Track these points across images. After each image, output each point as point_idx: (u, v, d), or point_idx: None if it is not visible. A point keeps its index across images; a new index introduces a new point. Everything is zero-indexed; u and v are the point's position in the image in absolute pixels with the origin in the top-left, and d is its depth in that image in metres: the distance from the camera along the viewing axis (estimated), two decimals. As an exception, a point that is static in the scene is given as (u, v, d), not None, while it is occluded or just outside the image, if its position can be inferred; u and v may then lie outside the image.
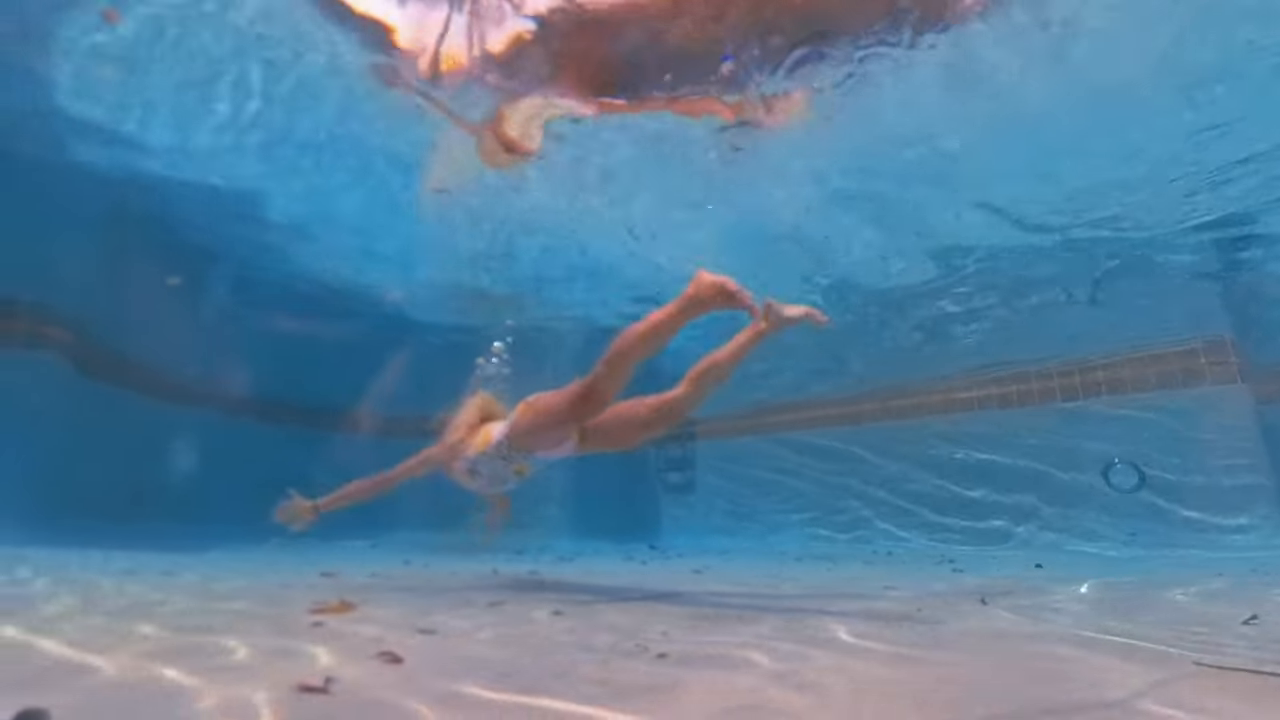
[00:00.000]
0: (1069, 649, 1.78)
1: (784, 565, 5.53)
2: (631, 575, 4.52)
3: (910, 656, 1.72)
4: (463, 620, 2.32)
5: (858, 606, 2.73)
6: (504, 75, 4.73)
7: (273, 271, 8.32)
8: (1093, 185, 5.92)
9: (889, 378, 8.89)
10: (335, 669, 1.52)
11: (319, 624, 2.15)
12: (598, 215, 6.70)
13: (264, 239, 7.53)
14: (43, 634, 1.87)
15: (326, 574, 4.00)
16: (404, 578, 4.10)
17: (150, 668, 1.52)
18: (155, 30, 4.43)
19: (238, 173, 6.18)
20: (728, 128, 5.22)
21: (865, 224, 6.67)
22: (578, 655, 1.72)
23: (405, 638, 1.94)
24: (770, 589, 3.57)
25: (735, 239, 7.00)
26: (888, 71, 4.62)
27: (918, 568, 5.12)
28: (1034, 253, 7.16)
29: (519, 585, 3.73)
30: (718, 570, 4.98)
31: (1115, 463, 6.80)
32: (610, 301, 8.97)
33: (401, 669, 1.54)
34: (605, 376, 2.66)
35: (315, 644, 1.82)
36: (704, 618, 2.43)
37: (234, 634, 1.95)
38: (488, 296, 8.92)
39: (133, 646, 1.76)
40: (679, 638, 1.98)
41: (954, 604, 2.81)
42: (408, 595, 3.10)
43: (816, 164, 5.66)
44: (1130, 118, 5.01)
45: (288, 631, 2.02)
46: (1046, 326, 7.63)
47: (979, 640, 1.95)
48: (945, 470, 8.08)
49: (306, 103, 5.15)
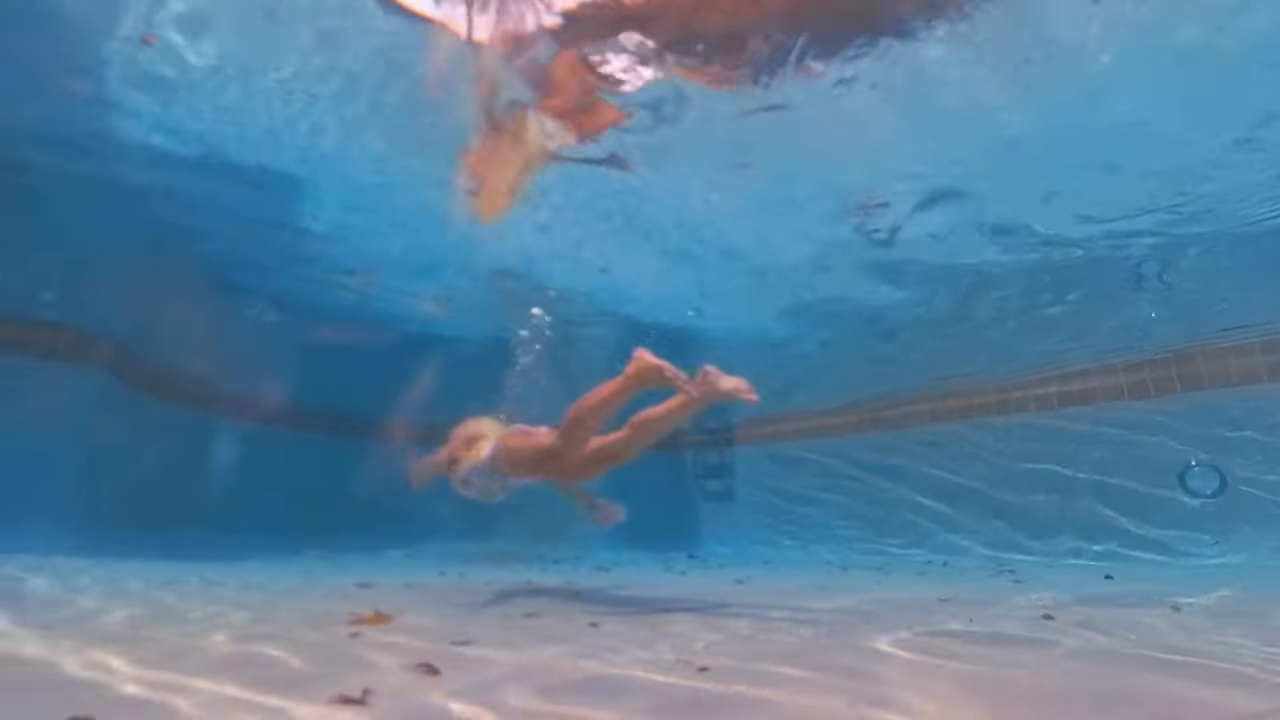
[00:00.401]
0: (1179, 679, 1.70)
1: (830, 576, 5.44)
2: (671, 586, 4.51)
3: (973, 678, 1.67)
4: (499, 632, 2.35)
5: (912, 620, 2.67)
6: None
7: (308, 282, 8.59)
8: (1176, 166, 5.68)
9: (940, 376, 8.67)
10: (373, 681, 1.55)
11: (356, 635, 2.20)
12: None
13: (300, 250, 7.79)
14: (98, 648, 1.97)
15: (362, 584, 4.10)
16: (440, 588, 4.17)
17: (186, 681, 1.58)
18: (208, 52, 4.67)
19: (275, 186, 6.44)
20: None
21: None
22: (616, 669, 1.72)
23: (442, 649, 1.97)
24: (817, 601, 3.52)
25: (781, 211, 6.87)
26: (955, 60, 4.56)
27: (975, 579, 4.98)
28: (1098, 239, 6.87)
29: (555, 596, 3.75)
30: (760, 581, 4.93)
31: (1193, 465, 6.48)
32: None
33: (438, 680, 1.57)
34: (565, 444, 3.10)
35: (352, 655, 1.87)
36: (747, 630, 2.41)
37: (273, 644, 2.01)
38: (519, 299, 9.04)
39: (167, 662, 1.83)
40: (722, 651, 1.96)
41: (1022, 621, 2.72)
42: (444, 606, 3.16)
43: (884, 139, 5.54)
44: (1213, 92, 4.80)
45: (325, 642, 2.08)
46: (1109, 318, 7.32)
47: (1051, 660, 1.88)
48: (1003, 475, 7.82)
49: (353, 112, 5.34)
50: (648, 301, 9.06)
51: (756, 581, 4.84)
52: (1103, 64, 4.59)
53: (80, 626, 2.29)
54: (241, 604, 3.05)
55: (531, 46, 4.73)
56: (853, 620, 2.67)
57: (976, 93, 4.98)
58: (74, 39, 4.59)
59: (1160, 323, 6.98)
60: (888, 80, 4.85)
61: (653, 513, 10.37)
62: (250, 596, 3.39)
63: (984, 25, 4.36)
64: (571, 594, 3.90)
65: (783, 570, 6.20)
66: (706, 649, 1.99)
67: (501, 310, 9.22)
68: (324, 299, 8.99)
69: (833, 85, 4.92)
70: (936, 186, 6.20)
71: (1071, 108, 5.07)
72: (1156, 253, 6.95)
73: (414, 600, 3.38)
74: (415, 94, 5.19)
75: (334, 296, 8.94)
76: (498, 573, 5.52)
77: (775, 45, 4.58)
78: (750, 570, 6.14)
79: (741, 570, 6.12)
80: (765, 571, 6.01)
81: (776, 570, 6.20)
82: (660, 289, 8.63)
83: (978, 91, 4.96)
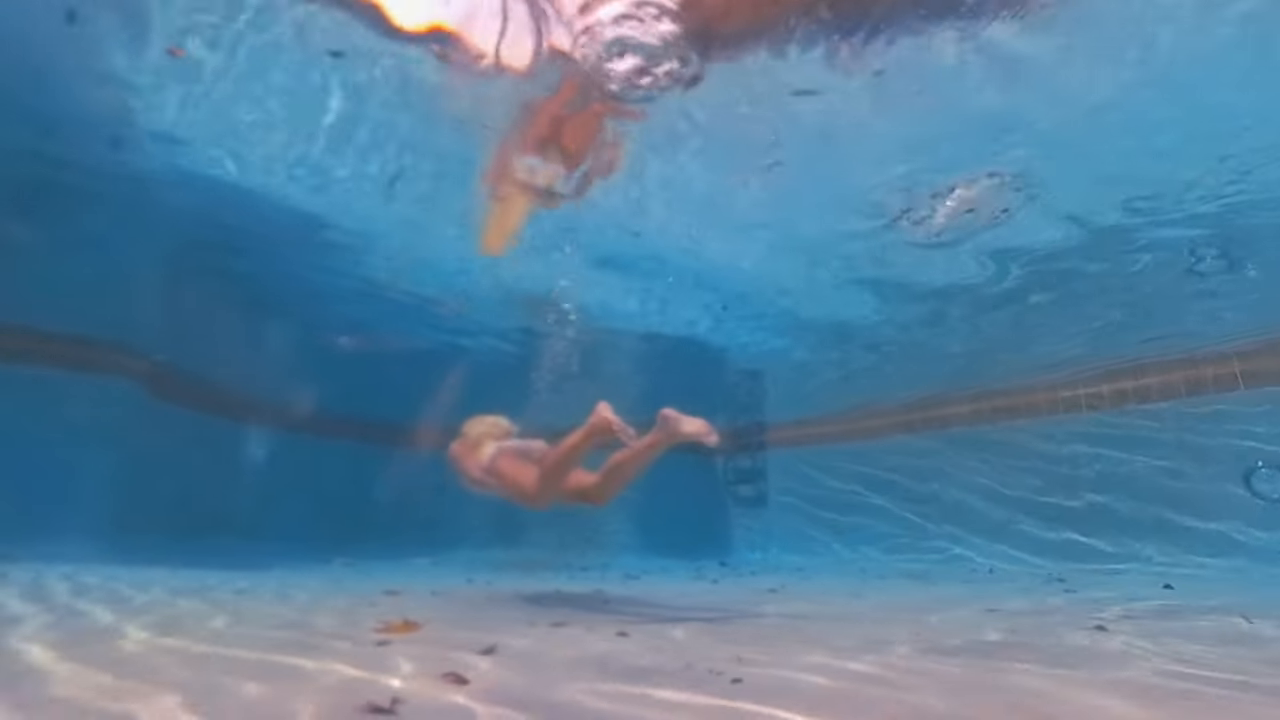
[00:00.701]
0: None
1: (867, 584, 5.36)
2: (702, 594, 4.49)
3: (1021, 693, 1.63)
4: (527, 641, 2.37)
5: (953, 630, 2.61)
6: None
7: (336, 290, 8.79)
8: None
9: (984, 373, 8.48)
10: (401, 689, 1.58)
11: (384, 643, 2.24)
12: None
13: (328, 262, 7.99)
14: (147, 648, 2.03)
15: (390, 592, 4.17)
16: (467, 596, 4.22)
17: (225, 685, 1.63)
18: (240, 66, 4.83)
19: (303, 199, 6.63)
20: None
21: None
22: (645, 679, 1.72)
23: (469, 658, 1.99)
24: (853, 610, 3.47)
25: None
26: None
27: (1023, 587, 4.85)
28: (1154, 226, 6.61)
29: (583, 605, 3.77)
30: (794, 589, 4.88)
31: (1259, 466, 6.22)
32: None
33: (467, 690, 1.59)
34: (539, 491, 3.51)
35: (381, 664, 1.90)
36: (780, 641, 2.38)
37: (303, 652, 2.06)
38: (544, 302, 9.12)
39: (209, 666, 1.89)
40: (754, 661, 1.95)
41: (1074, 632, 2.65)
42: (471, 614, 3.20)
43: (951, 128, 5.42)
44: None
45: (354, 651, 2.12)
46: (1167, 310, 7.06)
47: (1114, 680, 1.83)
48: (1051, 477, 7.61)
49: (376, 122, 5.47)
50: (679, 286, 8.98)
51: (789, 590, 4.79)
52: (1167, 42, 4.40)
53: (102, 638, 2.38)
54: (269, 612, 3.13)
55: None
56: (888, 631, 2.63)
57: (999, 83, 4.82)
58: (106, 52, 4.76)
59: (1223, 315, 6.73)
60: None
61: (683, 519, 10.39)
62: (278, 604, 3.48)
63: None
64: (600, 602, 3.92)
65: (817, 578, 6.13)
66: (739, 660, 1.98)
67: (527, 314, 9.32)
68: (352, 306, 9.17)
69: (872, 75, 4.82)
70: (994, 169, 5.97)
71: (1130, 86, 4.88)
72: (1215, 241, 6.69)
73: (441, 608, 3.42)
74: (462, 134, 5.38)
75: (362, 302, 9.11)
76: (526, 581, 5.57)
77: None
78: (783, 578, 6.08)
79: (774, 578, 6.07)
80: (799, 579, 5.95)
81: (810, 578, 6.14)
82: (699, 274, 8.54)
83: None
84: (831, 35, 4.49)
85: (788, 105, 5.13)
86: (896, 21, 4.42)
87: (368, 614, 3.05)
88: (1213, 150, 5.58)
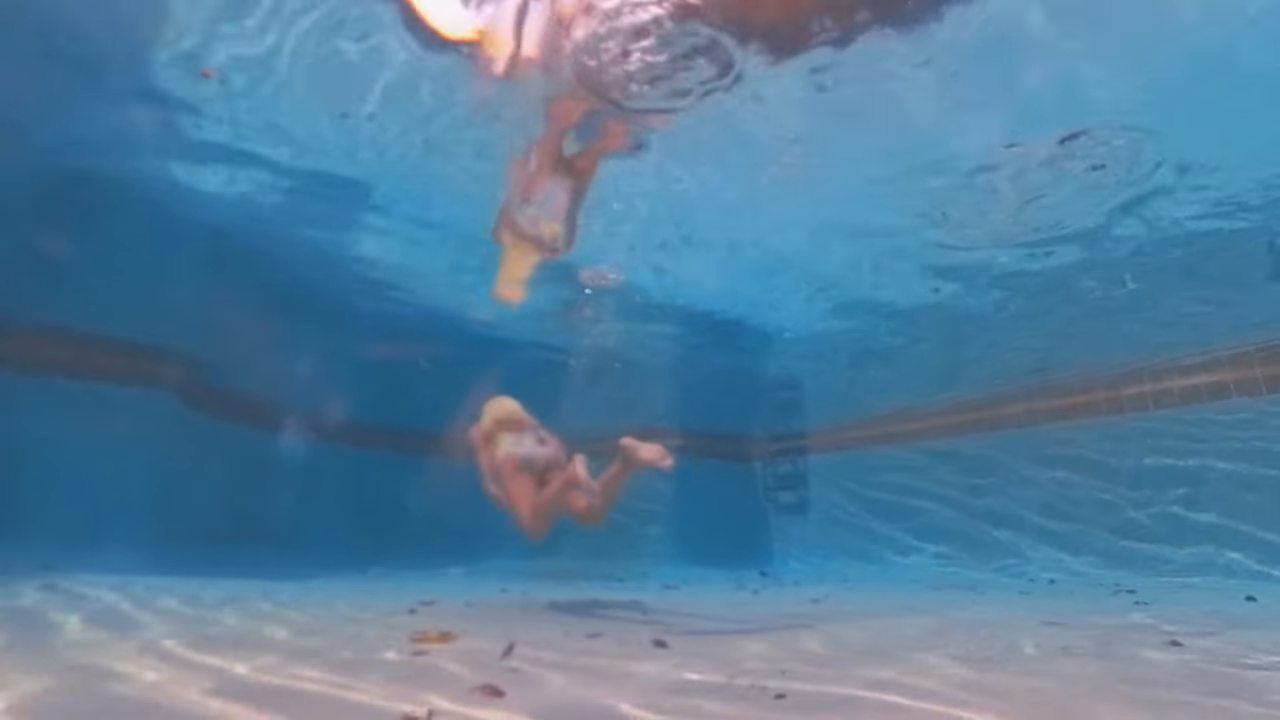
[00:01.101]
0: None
1: (917, 595, 5.25)
2: (742, 605, 4.46)
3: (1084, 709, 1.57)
4: (562, 653, 2.38)
5: (1009, 644, 2.54)
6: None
7: (369, 299, 9.03)
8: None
9: (1043, 370, 8.22)
10: (437, 702, 1.60)
11: (420, 654, 2.29)
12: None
13: (360, 271, 8.22)
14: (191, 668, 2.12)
15: (425, 602, 4.24)
16: (501, 606, 4.28)
17: (259, 700, 1.68)
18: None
19: (337, 210, 6.84)
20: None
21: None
22: (683, 693, 1.72)
23: (505, 669, 2.02)
24: (903, 623, 3.40)
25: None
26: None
27: (1087, 600, 4.69)
28: (1231, 213, 6.31)
29: (621, 615, 3.78)
30: (839, 600, 4.82)
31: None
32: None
33: (503, 702, 1.61)
34: (529, 524, 3.86)
35: (417, 675, 1.94)
36: (825, 654, 2.35)
37: (337, 664, 2.11)
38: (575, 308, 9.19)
39: (236, 679, 1.95)
40: (799, 675, 1.93)
41: (1147, 648, 2.55)
42: (506, 625, 3.23)
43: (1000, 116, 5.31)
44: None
45: (389, 662, 2.16)
46: (1242, 302, 6.73)
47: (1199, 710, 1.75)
48: (1116, 481, 7.33)
49: (408, 133, 5.62)
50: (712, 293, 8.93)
51: (834, 601, 4.73)
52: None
53: (152, 645, 2.48)
54: (306, 623, 3.22)
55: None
56: (940, 646, 2.57)
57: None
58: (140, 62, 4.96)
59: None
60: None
61: (722, 527, 10.31)
62: (314, 615, 3.57)
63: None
64: (638, 613, 3.92)
65: (862, 589, 6.02)
66: (783, 674, 1.96)
67: (565, 321, 9.42)
68: (386, 314, 9.39)
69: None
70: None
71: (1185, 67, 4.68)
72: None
73: (476, 618, 3.47)
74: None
75: (395, 311, 9.32)
76: (562, 591, 5.60)
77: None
78: (827, 588, 6.00)
79: (818, 588, 5.99)
80: (843, 590, 5.86)
81: (856, 589, 6.04)
82: (729, 278, 8.48)
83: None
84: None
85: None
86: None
87: (403, 623, 3.11)
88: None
